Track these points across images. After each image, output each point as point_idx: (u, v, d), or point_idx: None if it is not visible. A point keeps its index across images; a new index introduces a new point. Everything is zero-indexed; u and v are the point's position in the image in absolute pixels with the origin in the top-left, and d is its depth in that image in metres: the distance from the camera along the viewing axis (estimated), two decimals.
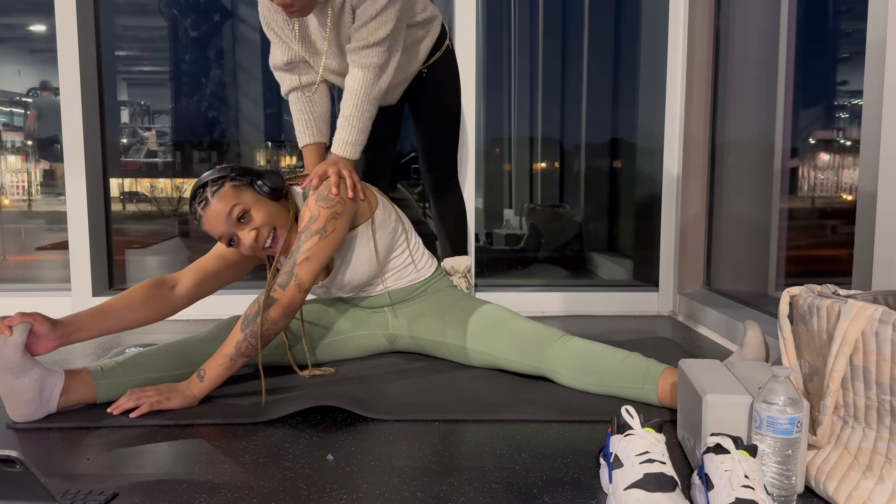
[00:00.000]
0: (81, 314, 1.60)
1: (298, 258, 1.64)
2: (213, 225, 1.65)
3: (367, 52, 1.86)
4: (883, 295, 1.23)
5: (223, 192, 1.65)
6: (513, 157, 3.41)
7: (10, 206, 3.16)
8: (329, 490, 1.17)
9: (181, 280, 1.76)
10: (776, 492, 1.07)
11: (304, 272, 1.63)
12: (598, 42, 3.23)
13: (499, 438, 1.40)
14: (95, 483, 1.20)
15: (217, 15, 3.11)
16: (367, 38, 1.85)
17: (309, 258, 1.64)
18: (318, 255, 1.66)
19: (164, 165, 3.21)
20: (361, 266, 1.84)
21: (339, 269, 1.84)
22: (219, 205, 1.64)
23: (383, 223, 1.84)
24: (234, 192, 1.66)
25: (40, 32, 3.08)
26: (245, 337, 1.57)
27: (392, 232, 1.87)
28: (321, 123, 2.09)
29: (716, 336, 2.31)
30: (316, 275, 1.66)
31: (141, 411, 1.50)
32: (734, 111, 2.57)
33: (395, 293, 1.93)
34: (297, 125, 2.07)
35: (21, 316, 1.46)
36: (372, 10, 1.82)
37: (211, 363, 1.57)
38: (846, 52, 2.21)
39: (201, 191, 1.66)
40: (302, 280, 1.62)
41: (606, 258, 3.21)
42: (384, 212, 1.85)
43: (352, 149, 1.87)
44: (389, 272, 1.91)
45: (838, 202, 2.26)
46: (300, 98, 2.06)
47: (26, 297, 2.64)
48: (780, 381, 1.07)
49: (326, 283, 1.88)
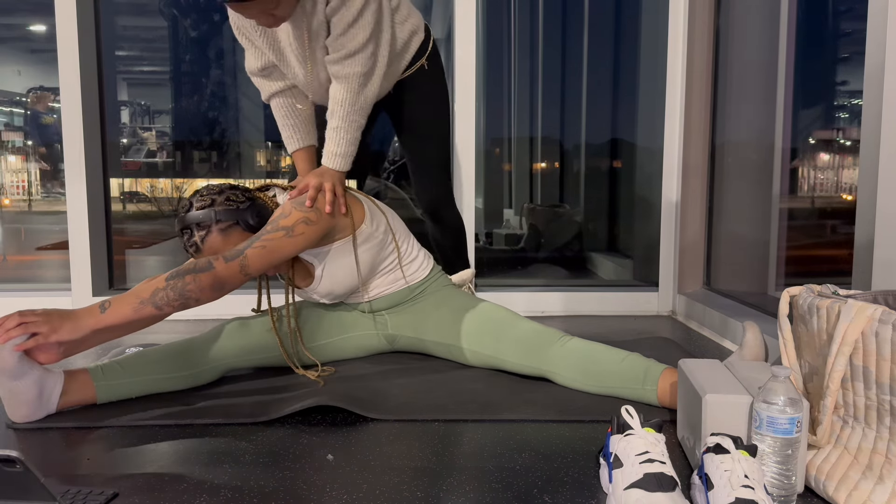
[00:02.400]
0: (88, 332, 1.45)
1: (256, 243, 1.58)
2: None
3: (350, 62, 1.79)
4: (883, 295, 1.23)
5: (211, 239, 1.63)
6: (513, 157, 3.41)
7: (9, 205, 3.16)
8: (329, 490, 1.17)
9: None
10: (776, 492, 1.07)
11: (254, 259, 1.57)
12: (598, 42, 3.23)
13: (499, 438, 1.40)
14: (95, 483, 1.20)
15: (217, 15, 3.11)
16: (347, 46, 1.78)
17: (265, 248, 1.58)
18: (276, 250, 1.60)
19: (164, 165, 3.21)
20: (344, 279, 1.82)
21: (321, 279, 1.81)
22: (210, 251, 1.64)
23: (369, 237, 1.81)
24: (222, 239, 1.64)
25: (40, 32, 3.08)
26: (166, 287, 1.48)
27: (380, 245, 1.84)
28: (308, 125, 2.01)
29: (716, 336, 2.31)
30: (265, 268, 1.60)
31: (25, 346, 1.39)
32: (734, 111, 2.57)
33: (387, 298, 1.92)
34: (283, 131, 2.00)
35: (23, 328, 1.39)
36: (348, 16, 1.75)
37: (120, 300, 1.47)
38: (846, 52, 2.21)
39: (188, 232, 1.63)
40: (248, 265, 1.56)
41: (606, 258, 3.21)
42: (371, 225, 1.81)
43: (342, 161, 1.82)
44: (378, 281, 1.89)
45: (838, 202, 2.26)
46: (282, 103, 1.98)
47: (26, 297, 2.64)
48: (780, 381, 1.07)
49: (308, 290, 1.85)
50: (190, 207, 1.65)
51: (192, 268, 1.52)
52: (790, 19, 2.41)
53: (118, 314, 1.46)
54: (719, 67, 2.61)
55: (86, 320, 1.44)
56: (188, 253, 1.67)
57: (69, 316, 1.44)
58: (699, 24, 2.60)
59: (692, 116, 2.62)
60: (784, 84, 2.43)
